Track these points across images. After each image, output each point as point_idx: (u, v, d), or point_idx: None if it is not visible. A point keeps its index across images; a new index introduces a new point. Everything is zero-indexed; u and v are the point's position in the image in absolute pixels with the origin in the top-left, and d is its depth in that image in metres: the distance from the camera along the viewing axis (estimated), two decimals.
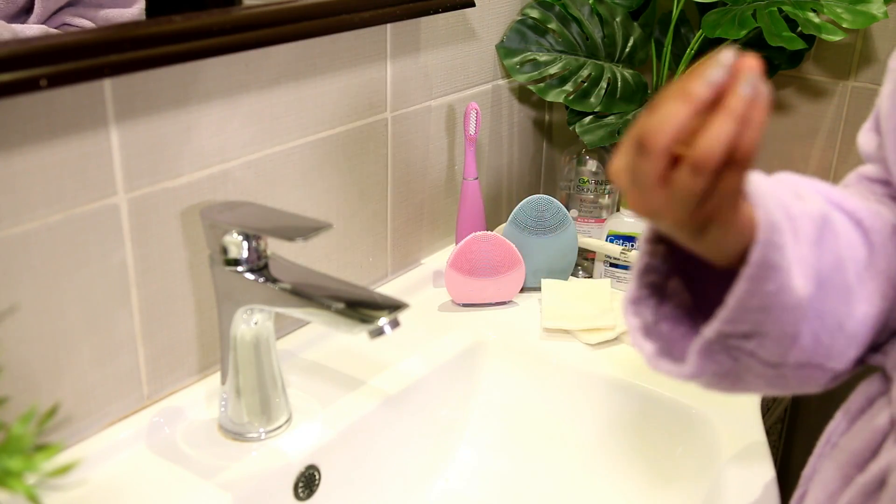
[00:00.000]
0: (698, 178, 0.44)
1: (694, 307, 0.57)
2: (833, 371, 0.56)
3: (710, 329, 0.51)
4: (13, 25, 0.69)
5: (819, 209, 0.53)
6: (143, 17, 0.77)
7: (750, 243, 0.49)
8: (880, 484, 0.55)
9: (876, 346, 0.57)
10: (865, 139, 0.62)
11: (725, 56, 0.44)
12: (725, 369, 0.54)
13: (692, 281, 0.57)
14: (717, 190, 0.45)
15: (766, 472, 0.78)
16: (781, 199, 0.51)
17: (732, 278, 0.50)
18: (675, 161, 0.45)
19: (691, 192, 0.45)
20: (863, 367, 0.58)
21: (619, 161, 0.48)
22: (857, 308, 0.53)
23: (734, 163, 0.44)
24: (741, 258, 0.50)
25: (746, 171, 0.45)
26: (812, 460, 0.66)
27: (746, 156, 0.44)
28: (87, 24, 0.74)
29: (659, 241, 0.56)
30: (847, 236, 0.54)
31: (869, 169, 0.64)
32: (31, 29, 0.70)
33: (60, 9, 0.72)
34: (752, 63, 0.43)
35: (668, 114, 0.44)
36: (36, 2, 0.69)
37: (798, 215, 0.51)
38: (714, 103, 0.44)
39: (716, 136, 0.43)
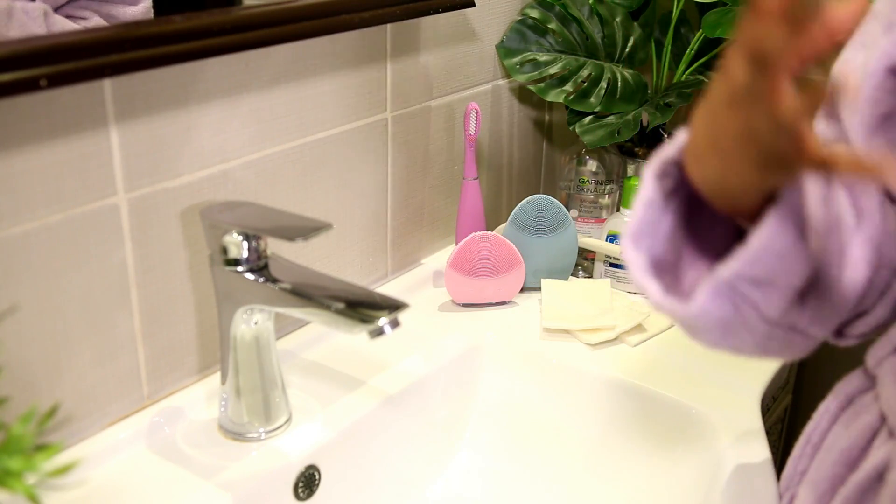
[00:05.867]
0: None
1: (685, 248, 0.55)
2: (814, 339, 0.56)
3: (728, 268, 0.50)
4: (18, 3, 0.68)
5: None
6: (150, 15, 0.76)
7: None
8: (876, 481, 0.55)
9: (844, 324, 0.57)
10: (819, 131, 0.60)
11: None
12: (726, 316, 0.52)
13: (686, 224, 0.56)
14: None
15: (766, 472, 0.78)
16: None
17: (723, 229, 0.50)
18: None
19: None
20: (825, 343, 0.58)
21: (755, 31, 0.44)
22: (844, 273, 0.52)
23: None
24: (751, 216, 0.49)
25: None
26: (792, 462, 0.65)
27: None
28: (93, 16, 0.73)
29: (669, 174, 0.54)
30: (840, 198, 0.52)
31: None
32: (36, 9, 0.69)
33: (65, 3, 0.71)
34: None
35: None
36: None
37: None
38: None
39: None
